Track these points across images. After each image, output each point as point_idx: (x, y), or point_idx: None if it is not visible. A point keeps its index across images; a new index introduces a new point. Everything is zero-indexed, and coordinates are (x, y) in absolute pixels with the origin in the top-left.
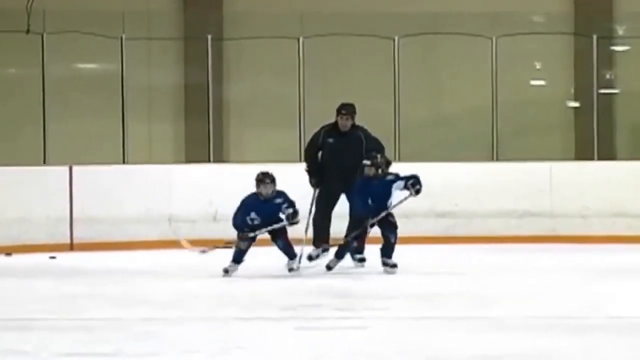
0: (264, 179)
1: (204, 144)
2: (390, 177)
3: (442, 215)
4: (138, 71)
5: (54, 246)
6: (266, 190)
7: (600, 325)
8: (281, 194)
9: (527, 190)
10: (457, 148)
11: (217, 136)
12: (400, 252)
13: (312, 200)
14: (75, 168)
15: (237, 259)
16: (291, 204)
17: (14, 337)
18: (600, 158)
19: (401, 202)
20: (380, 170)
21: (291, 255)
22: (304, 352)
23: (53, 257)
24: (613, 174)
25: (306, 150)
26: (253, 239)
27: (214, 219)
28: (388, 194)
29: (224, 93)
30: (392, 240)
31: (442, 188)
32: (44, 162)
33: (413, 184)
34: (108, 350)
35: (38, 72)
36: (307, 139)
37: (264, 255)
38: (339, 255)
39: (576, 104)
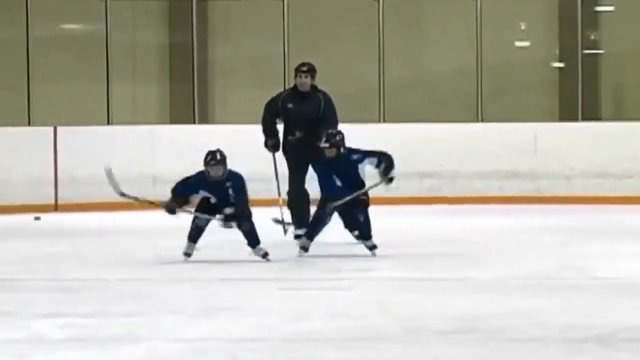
0: (210, 160)
1: (188, 105)
2: (355, 157)
3: (426, 175)
4: (122, 32)
5: (38, 207)
6: (214, 172)
7: (581, 285)
8: (232, 177)
9: (511, 151)
10: (441, 108)
11: (201, 97)
12: (384, 213)
13: (275, 165)
14: (59, 129)
15: (195, 238)
16: (238, 193)
17: None
18: (584, 119)
19: (371, 188)
20: (342, 149)
21: (255, 241)
22: (287, 312)
23: (37, 218)
24: (597, 135)
25: (263, 117)
26: (207, 220)
27: None
28: (356, 175)
29: (208, 54)
30: (362, 219)
31: (426, 148)
32: (29, 123)
33: (385, 171)
34: (91, 311)
35: (22, 33)
36: None
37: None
38: (309, 236)
39: (561, 65)
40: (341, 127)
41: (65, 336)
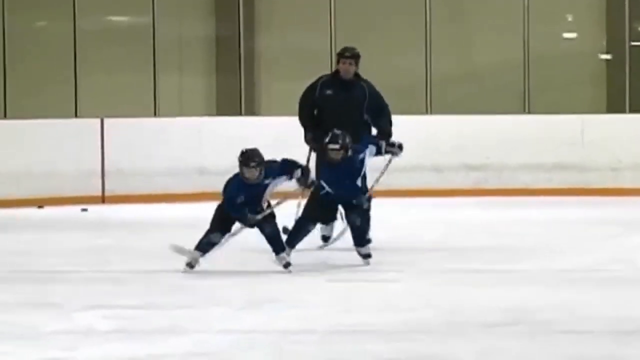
0: (248, 162)
1: (234, 96)
2: (359, 154)
3: (472, 168)
4: (169, 24)
5: (85, 198)
6: (251, 175)
7: (630, 278)
8: (271, 170)
9: (559, 143)
10: (488, 101)
11: (248, 89)
12: (431, 205)
13: (307, 160)
14: (106, 121)
15: (205, 249)
16: (286, 169)
17: (44, 289)
18: (631, 111)
19: (383, 173)
20: (349, 152)
21: (279, 247)
22: (333, 304)
23: (84, 210)
24: None
25: (300, 104)
26: (226, 231)
27: None
28: (357, 171)
29: (255, 45)
30: (358, 223)
31: (473, 141)
32: (76, 115)
33: (387, 147)
34: (138, 303)
35: (69, 25)
36: None
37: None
38: (290, 244)
39: (608, 57)
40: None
41: (112, 328)
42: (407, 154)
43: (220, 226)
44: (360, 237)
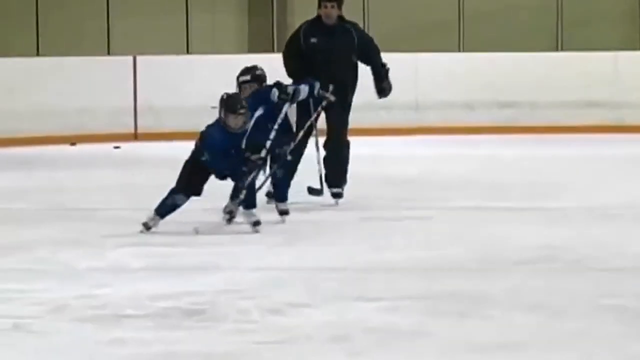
0: (235, 107)
1: (267, 35)
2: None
3: (504, 105)
4: None
5: (117, 136)
6: (237, 122)
7: None
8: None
9: (592, 80)
10: (521, 38)
11: (280, 28)
12: (462, 142)
13: (314, 111)
14: (139, 58)
15: (165, 214)
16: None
17: (77, 226)
18: None
19: (312, 117)
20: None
21: (250, 203)
22: (366, 242)
23: (117, 147)
24: None
25: (284, 55)
26: (191, 194)
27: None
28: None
29: None
30: (279, 175)
31: (504, 78)
32: (108, 53)
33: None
34: (171, 241)
35: None
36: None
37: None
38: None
39: None
40: (420, 56)
41: (145, 265)
42: (439, 91)
43: (187, 187)
44: (280, 192)
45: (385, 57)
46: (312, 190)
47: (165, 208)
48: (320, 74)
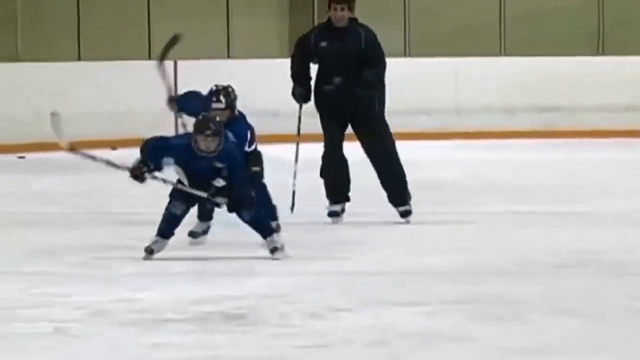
0: (205, 128)
1: None
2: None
3: (544, 109)
4: None
5: None
6: (206, 145)
7: None
8: (228, 155)
9: (632, 84)
10: (561, 41)
11: None
12: (501, 146)
13: (299, 120)
14: (179, 62)
15: (167, 231)
16: (235, 173)
17: (118, 230)
18: None
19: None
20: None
21: (267, 230)
22: (404, 246)
23: None
24: None
25: (292, 56)
26: (190, 201)
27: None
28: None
29: None
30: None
31: (545, 82)
32: (149, 57)
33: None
34: (211, 245)
35: None
36: (412, 35)
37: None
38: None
39: None
40: (461, 60)
41: (185, 269)
42: (479, 95)
43: (181, 193)
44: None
45: (426, 61)
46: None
47: (165, 225)
48: (332, 79)
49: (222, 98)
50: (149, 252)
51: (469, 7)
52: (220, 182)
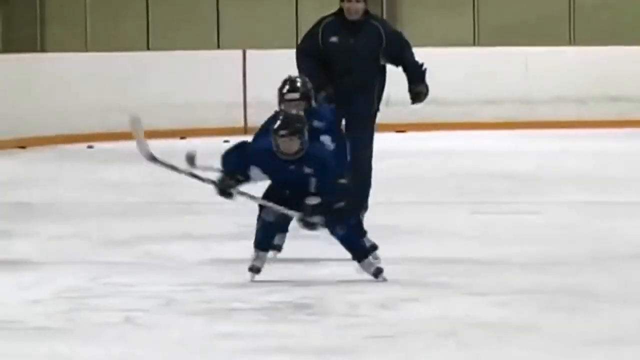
0: (284, 130)
1: None
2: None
3: (616, 99)
4: None
5: (227, 130)
6: (287, 146)
7: None
8: (316, 158)
9: None
10: (632, 30)
11: (391, 19)
12: (573, 136)
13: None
14: (248, 52)
15: (264, 242)
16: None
17: (187, 220)
18: None
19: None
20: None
21: (361, 251)
22: (476, 236)
23: (227, 141)
24: None
25: (297, 56)
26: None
27: (387, 103)
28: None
29: None
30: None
31: (616, 72)
32: (218, 47)
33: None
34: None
35: None
36: (481, 24)
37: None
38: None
39: None
40: (531, 50)
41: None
42: (549, 85)
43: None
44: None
45: (496, 51)
46: None
47: (262, 235)
48: (341, 79)
49: (298, 86)
50: (255, 270)
51: None
52: (313, 200)
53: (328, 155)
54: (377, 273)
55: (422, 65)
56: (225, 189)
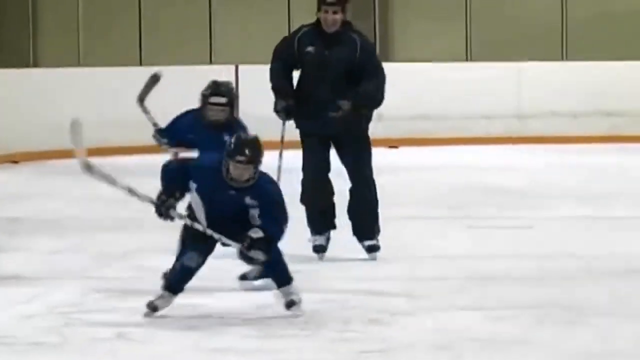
0: (242, 157)
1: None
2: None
3: (609, 114)
4: None
5: None
6: (238, 173)
7: None
8: (262, 190)
9: None
10: (625, 45)
11: (382, 33)
12: (566, 151)
13: (282, 138)
14: (241, 67)
15: (177, 286)
16: (271, 218)
17: (177, 235)
18: None
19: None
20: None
21: (282, 279)
22: (470, 251)
23: None
24: None
25: (271, 67)
26: (208, 252)
27: (379, 118)
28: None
29: None
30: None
31: (609, 87)
32: (210, 62)
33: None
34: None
35: None
36: (473, 39)
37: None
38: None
39: None
40: (523, 65)
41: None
42: (542, 100)
43: (196, 241)
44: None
45: (489, 66)
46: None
47: (176, 279)
48: (316, 89)
49: (224, 92)
50: (152, 309)
51: (532, 11)
52: (258, 233)
53: (277, 193)
54: (291, 304)
55: (369, 94)
56: (165, 210)
